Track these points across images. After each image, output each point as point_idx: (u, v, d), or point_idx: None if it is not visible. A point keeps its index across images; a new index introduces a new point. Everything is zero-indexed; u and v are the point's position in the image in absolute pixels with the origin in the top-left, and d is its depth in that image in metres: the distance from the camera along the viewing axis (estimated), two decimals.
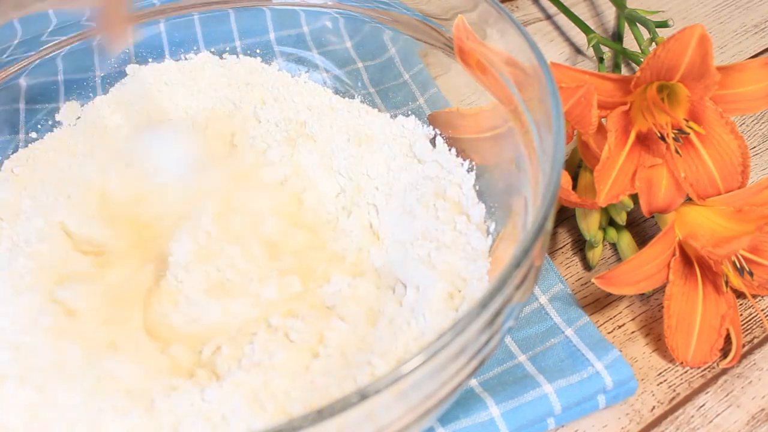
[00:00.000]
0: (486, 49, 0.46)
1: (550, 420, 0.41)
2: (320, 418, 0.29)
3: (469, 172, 0.48)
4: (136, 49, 0.56)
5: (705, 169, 0.46)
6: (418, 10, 0.52)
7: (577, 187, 0.50)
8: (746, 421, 0.42)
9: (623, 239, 0.49)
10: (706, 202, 0.46)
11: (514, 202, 0.43)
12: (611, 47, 0.60)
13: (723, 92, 0.45)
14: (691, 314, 0.44)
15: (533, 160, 0.41)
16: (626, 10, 0.60)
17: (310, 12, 0.57)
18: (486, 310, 0.32)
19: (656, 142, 0.45)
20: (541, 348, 0.43)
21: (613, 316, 0.47)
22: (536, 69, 0.40)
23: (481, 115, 0.48)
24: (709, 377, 0.44)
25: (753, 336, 0.46)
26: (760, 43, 0.64)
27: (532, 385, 0.41)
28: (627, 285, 0.44)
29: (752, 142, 0.56)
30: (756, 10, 0.67)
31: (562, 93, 0.39)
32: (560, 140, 0.36)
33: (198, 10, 0.57)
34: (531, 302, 0.45)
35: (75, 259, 0.46)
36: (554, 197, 0.35)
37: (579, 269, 0.50)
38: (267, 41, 0.57)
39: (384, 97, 0.54)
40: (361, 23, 0.55)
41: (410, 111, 0.52)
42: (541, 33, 0.66)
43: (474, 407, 0.40)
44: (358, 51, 0.56)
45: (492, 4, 0.44)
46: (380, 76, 0.55)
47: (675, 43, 0.42)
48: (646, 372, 0.44)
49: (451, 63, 0.50)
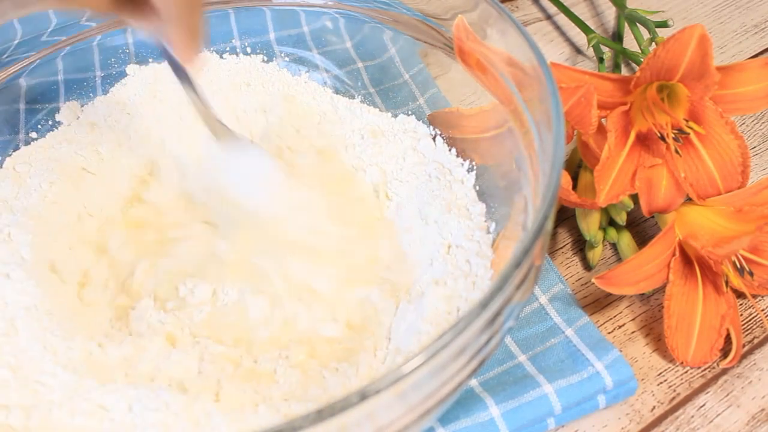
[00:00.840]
0: (486, 49, 0.46)
1: (550, 420, 0.41)
2: (320, 418, 0.29)
3: (469, 172, 0.48)
4: (136, 49, 0.56)
5: (705, 169, 0.46)
6: (418, 10, 0.52)
7: (577, 187, 0.50)
8: (746, 421, 0.42)
9: (623, 239, 0.49)
10: (706, 202, 0.46)
11: (514, 202, 0.43)
12: (611, 47, 0.60)
13: (723, 92, 0.45)
14: (691, 314, 0.44)
15: (533, 160, 0.41)
16: (626, 10, 0.60)
17: (310, 12, 0.57)
18: (486, 310, 0.32)
19: (656, 142, 0.45)
20: (541, 348, 0.43)
21: (613, 316, 0.47)
22: (536, 69, 0.40)
23: (481, 115, 0.48)
24: (709, 377, 0.44)
25: (753, 336, 0.46)
26: (760, 43, 0.64)
27: (532, 385, 0.41)
28: (627, 285, 0.44)
29: (752, 142, 0.56)
30: (756, 10, 0.67)
31: (562, 93, 0.40)
32: (560, 140, 0.36)
33: None
34: (531, 302, 0.45)
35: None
36: (554, 197, 0.35)
37: (579, 269, 0.50)
38: (267, 41, 0.57)
39: (384, 97, 0.54)
40: (361, 23, 0.55)
41: (410, 111, 0.52)
42: (541, 33, 0.66)
43: (474, 407, 0.40)
44: (358, 51, 0.56)
45: (492, 4, 0.44)
46: (380, 76, 0.55)
47: (675, 43, 0.42)
48: (646, 372, 0.44)
49: (451, 63, 0.50)
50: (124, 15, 0.40)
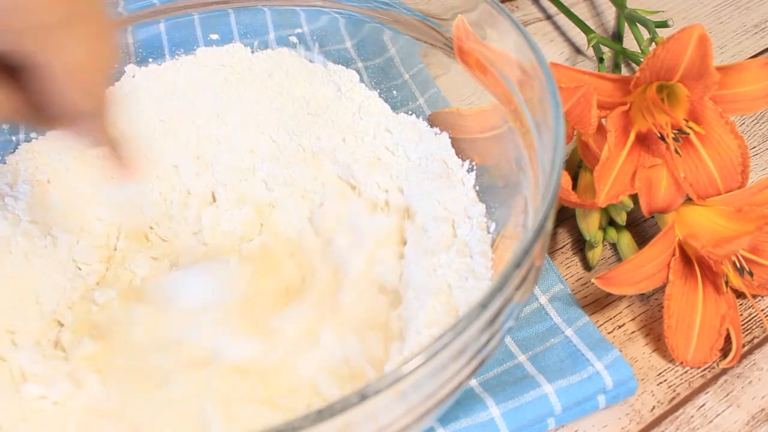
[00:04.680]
0: (486, 49, 0.46)
1: (550, 420, 0.41)
2: (320, 418, 0.29)
3: (469, 172, 0.48)
4: (136, 49, 0.56)
5: (705, 169, 0.46)
6: (418, 10, 0.52)
7: (577, 187, 0.50)
8: (746, 421, 0.42)
9: (623, 239, 0.49)
10: (706, 202, 0.46)
11: (514, 202, 0.43)
12: (611, 47, 0.60)
13: (723, 92, 0.45)
14: (691, 314, 0.44)
15: (533, 160, 0.41)
16: (626, 10, 0.60)
17: (310, 12, 0.56)
18: (486, 310, 0.32)
19: (656, 142, 0.45)
20: (541, 348, 0.43)
21: (613, 316, 0.47)
22: (536, 69, 0.40)
23: (481, 115, 0.48)
24: (709, 377, 0.44)
25: (753, 336, 0.46)
26: (760, 43, 0.64)
27: (532, 385, 0.41)
28: (627, 285, 0.44)
29: (752, 142, 0.56)
30: (756, 10, 0.67)
31: (562, 93, 0.39)
32: (560, 140, 0.36)
33: (198, 10, 0.57)
34: (531, 302, 0.45)
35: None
36: (554, 197, 0.35)
37: (579, 269, 0.50)
38: (267, 41, 0.57)
39: (384, 97, 0.54)
40: (361, 23, 0.55)
41: (410, 111, 0.52)
42: (541, 33, 0.66)
43: (474, 407, 0.40)
44: (358, 51, 0.56)
45: (492, 4, 0.44)
46: (380, 76, 0.55)
47: (675, 43, 0.42)
48: (646, 372, 0.44)
49: (451, 63, 0.50)
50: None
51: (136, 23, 0.55)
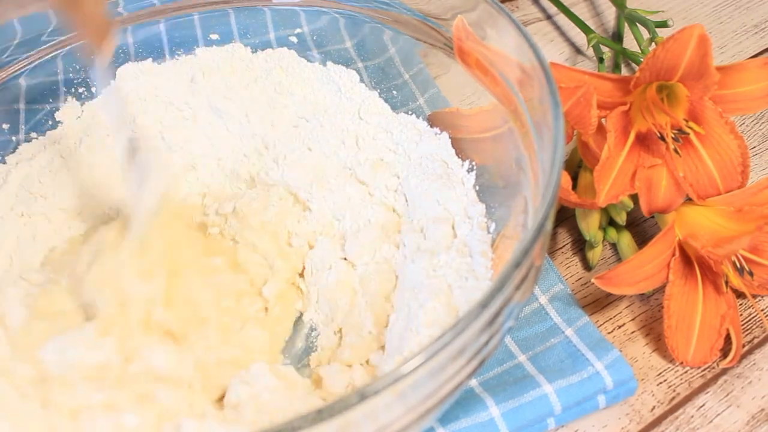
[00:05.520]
0: (486, 49, 0.46)
1: (550, 420, 0.41)
2: (320, 418, 0.29)
3: (469, 172, 0.48)
4: (136, 49, 0.56)
5: (705, 169, 0.46)
6: (418, 10, 0.52)
7: (577, 187, 0.50)
8: (746, 421, 0.42)
9: (623, 239, 0.49)
10: (706, 202, 0.46)
11: (514, 202, 0.43)
12: (611, 47, 0.60)
13: (723, 92, 0.45)
14: (691, 314, 0.44)
15: (533, 160, 0.41)
16: (626, 10, 0.60)
17: (310, 12, 0.57)
18: (486, 310, 0.32)
19: (656, 142, 0.45)
20: (541, 348, 0.43)
21: (613, 316, 0.47)
22: (536, 69, 0.40)
23: (481, 115, 0.48)
24: (709, 377, 0.44)
25: (753, 336, 0.46)
26: (760, 43, 0.64)
27: (532, 385, 0.41)
28: (627, 285, 0.44)
29: (752, 142, 0.56)
30: (756, 10, 0.67)
31: (561, 93, 0.39)
32: (560, 140, 0.36)
33: (198, 10, 0.57)
34: (531, 302, 0.45)
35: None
36: (554, 197, 0.35)
37: (579, 269, 0.50)
38: (267, 41, 0.57)
39: (384, 97, 0.54)
40: (361, 23, 0.55)
41: (410, 111, 0.52)
42: (541, 33, 0.66)
43: (474, 407, 0.40)
44: (358, 51, 0.56)
45: (492, 4, 0.44)
46: (380, 76, 0.55)
47: (674, 43, 0.42)
48: (646, 372, 0.44)
49: (451, 63, 0.50)
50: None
51: (136, 23, 0.55)
